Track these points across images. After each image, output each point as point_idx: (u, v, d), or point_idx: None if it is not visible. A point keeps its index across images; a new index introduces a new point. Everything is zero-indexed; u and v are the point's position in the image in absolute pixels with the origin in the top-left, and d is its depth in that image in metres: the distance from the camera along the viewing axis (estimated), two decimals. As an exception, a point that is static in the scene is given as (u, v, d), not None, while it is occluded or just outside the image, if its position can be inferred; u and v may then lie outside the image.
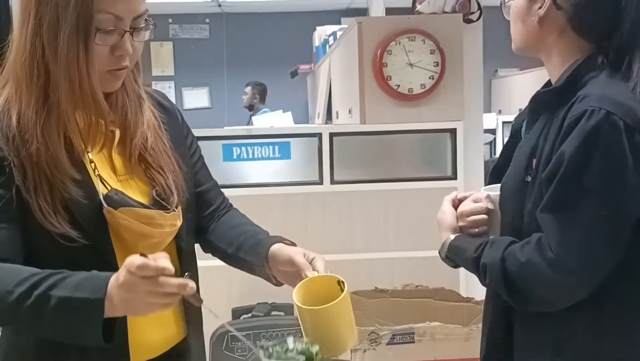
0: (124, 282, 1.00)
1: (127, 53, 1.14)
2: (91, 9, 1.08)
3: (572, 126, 1.21)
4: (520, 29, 1.37)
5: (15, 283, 1.04)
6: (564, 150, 1.20)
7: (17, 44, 1.14)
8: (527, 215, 1.28)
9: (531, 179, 1.28)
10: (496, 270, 1.26)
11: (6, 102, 1.14)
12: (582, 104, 1.21)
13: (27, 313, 1.04)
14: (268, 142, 2.74)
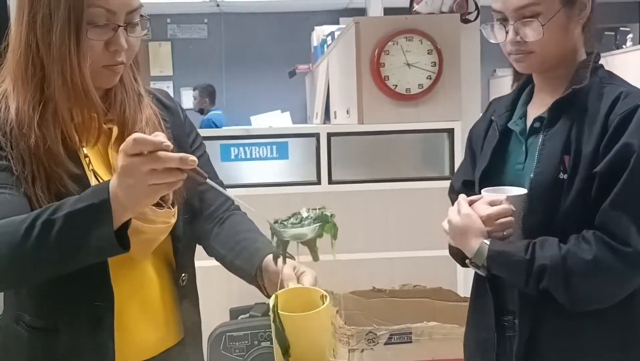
0: (122, 166, 0.97)
1: (121, 48, 1.14)
2: (82, 3, 1.09)
3: (626, 121, 1.24)
4: (561, 40, 1.34)
5: (18, 222, 1.03)
6: (629, 142, 1.23)
7: (13, 40, 1.15)
8: (562, 213, 1.29)
9: (567, 176, 1.29)
10: (559, 270, 1.25)
11: (4, 97, 1.15)
12: (628, 100, 1.28)
13: (36, 243, 1.01)
14: (266, 142, 2.74)
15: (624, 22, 6.98)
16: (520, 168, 1.41)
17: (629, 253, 1.22)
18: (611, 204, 1.24)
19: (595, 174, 1.26)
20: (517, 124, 1.43)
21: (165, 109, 1.33)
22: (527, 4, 1.30)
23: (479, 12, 2.92)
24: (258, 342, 2.10)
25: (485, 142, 1.50)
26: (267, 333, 2.10)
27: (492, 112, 1.52)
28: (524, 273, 1.28)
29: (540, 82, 1.44)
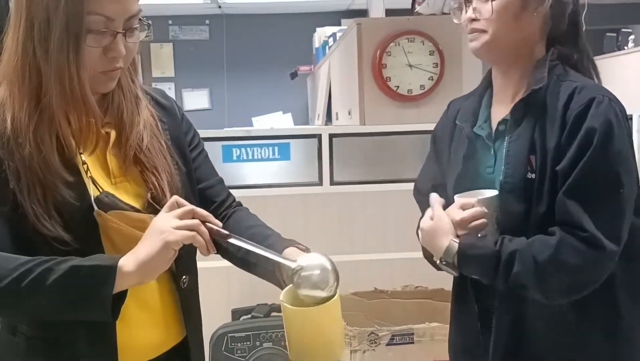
0: (156, 218, 1.08)
1: (119, 55, 1.13)
2: (81, 10, 1.07)
3: (582, 115, 1.28)
4: (512, 25, 1.37)
5: (19, 263, 1.05)
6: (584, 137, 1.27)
7: (10, 46, 1.14)
8: (536, 212, 1.31)
9: (536, 175, 1.31)
10: (527, 255, 1.28)
11: (1, 104, 1.14)
12: (583, 94, 1.30)
13: (30, 286, 1.03)
14: (268, 143, 2.75)
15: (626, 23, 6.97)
16: (491, 172, 1.42)
17: (587, 237, 1.26)
18: (565, 194, 1.28)
19: (556, 172, 1.30)
20: (482, 128, 1.45)
21: (162, 110, 1.31)
22: None
23: (480, 13, 2.92)
24: (260, 343, 2.10)
25: (453, 147, 1.51)
26: (269, 334, 2.10)
27: (454, 114, 1.54)
28: (494, 264, 1.30)
29: (499, 83, 1.45)
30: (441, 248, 1.35)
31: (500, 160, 1.39)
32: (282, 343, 2.10)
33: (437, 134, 1.58)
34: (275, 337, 2.12)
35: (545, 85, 1.34)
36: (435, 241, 1.37)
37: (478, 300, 1.44)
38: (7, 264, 1.05)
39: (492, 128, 1.43)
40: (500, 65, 1.43)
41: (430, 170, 1.58)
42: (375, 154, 2.84)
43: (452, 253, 1.34)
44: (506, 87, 1.43)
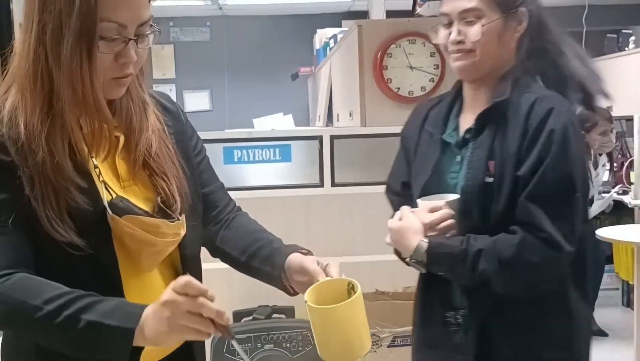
0: (165, 301, 1.02)
1: (131, 60, 1.12)
2: (95, 17, 1.07)
3: (542, 124, 1.40)
4: (496, 46, 1.47)
5: (44, 300, 1.05)
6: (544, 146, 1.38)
7: (21, 51, 1.13)
8: (495, 214, 1.42)
9: (494, 180, 1.42)
10: (492, 253, 1.39)
11: (14, 109, 1.13)
12: (543, 104, 1.42)
13: (53, 332, 1.06)
14: (269, 145, 2.75)
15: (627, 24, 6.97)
16: (455, 177, 1.52)
17: (546, 237, 1.38)
18: (527, 197, 1.39)
19: (517, 177, 1.41)
20: (451, 136, 1.54)
21: (168, 114, 1.31)
22: (471, 8, 1.45)
23: (481, 15, 2.92)
24: (261, 345, 2.10)
25: (420, 150, 1.59)
26: (271, 336, 2.10)
27: (422, 118, 1.62)
28: (461, 262, 1.40)
29: (470, 95, 1.55)
30: (410, 247, 1.44)
31: (464, 166, 1.49)
32: (283, 345, 2.10)
33: (405, 135, 1.67)
34: (276, 339, 2.12)
35: (507, 97, 1.46)
36: (405, 240, 1.46)
37: (442, 297, 1.53)
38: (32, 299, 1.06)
39: (459, 136, 1.53)
40: (477, 81, 1.52)
41: (400, 169, 1.66)
42: (376, 156, 2.84)
43: (421, 251, 1.43)
44: (476, 99, 1.53)
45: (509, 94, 1.46)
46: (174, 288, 1.02)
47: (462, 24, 1.46)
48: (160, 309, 1.02)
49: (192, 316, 1.02)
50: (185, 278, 1.02)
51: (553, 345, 1.46)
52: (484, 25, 1.44)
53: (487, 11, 1.45)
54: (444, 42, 1.50)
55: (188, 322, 1.02)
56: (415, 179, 1.58)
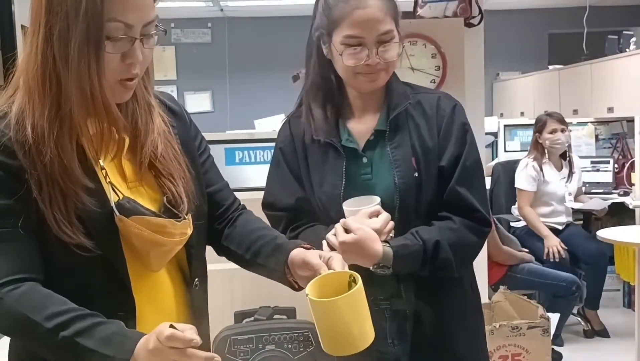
0: (153, 349, 1.02)
1: (137, 60, 1.13)
2: (101, 18, 1.07)
3: (451, 117, 1.58)
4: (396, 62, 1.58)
5: (45, 316, 1.07)
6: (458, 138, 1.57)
7: (28, 53, 1.13)
8: (424, 205, 1.56)
9: (418, 174, 1.55)
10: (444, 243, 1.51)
11: (21, 111, 1.13)
12: (445, 102, 1.61)
13: (50, 350, 1.08)
14: (270, 146, 2.73)
15: (628, 25, 6.98)
16: (369, 178, 1.60)
17: (480, 216, 1.57)
18: (457, 183, 1.56)
19: (442, 167, 1.56)
20: (350, 141, 1.61)
21: (173, 115, 1.32)
22: (387, 31, 1.54)
23: (482, 16, 2.93)
24: (263, 345, 2.10)
25: (315, 162, 1.62)
26: (272, 336, 2.10)
27: (303, 132, 1.65)
28: (421, 257, 1.51)
29: (361, 103, 1.63)
30: (377, 254, 1.47)
31: (380, 166, 1.59)
32: (284, 346, 2.10)
33: (286, 150, 1.68)
34: (278, 340, 2.12)
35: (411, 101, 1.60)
36: (367, 250, 1.46)
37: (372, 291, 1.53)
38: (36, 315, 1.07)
39: (357, 141, 1.61)
40: None
41: (288, 185, 1.66)
42: (377, 157, 2.84)
43: (389, 256, 1.48)
44: (365, 108, 1.63)
45: (410, 96, 1.60)
46: (158, 338, 1.02)
47: (380, 47, 1.53)
48: (148, 356, 1.03)
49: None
50: (169, 330, 1.02)
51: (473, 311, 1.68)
52: (403, 47, 1.59)
53: (394, 31, 1.55)
54: (354, 65, 1.54)
55: None
56: (322, 187, 1.60)
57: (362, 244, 1.45)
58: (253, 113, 6.28)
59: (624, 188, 4.95)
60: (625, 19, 7.86)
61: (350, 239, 1.44)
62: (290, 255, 1.27)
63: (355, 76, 1.56)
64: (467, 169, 1.57)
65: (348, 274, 1.19)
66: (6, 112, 1.14)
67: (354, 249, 1.45)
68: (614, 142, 5.39)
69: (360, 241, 1.45)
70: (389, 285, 1.59)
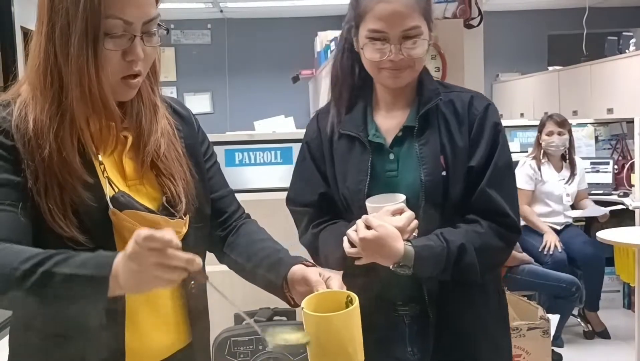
0: (131, 253, 0.98)
1: (138, 58, 1.14)
2: (99, 14, 1.09)
3: (483, 116, 1.53)
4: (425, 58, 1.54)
5: (20, 261, 1.04)
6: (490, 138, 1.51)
7: (33, 50, 1.16)
8: (450, 205, 1.50)
9: (446, 173, 1.50)
10: (470, 247, 1.46)
11: (23, 106, 1.15)
12: (479, 102, 1.55)
13: (31, 290, 1.03)
14: (270, 147, 2.75)
15: (627, 26, 6.98)
16: (395, 175, 1.55)
17: (509, 221, 1.51)
18: (487, 185, 1.50)
19: (471, 167, 1.51)
20: (377, 136, 1.57)
21: (180, 118, 1.33)
22: (412, 27, 1.48)
23: (482, 18, 2.93)
24: (263, 347, 2.10)
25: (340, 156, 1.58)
26: (272, 338, 2.10)
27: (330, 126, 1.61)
28: (444, 259, 1.45)
29: (390, 98, 1.59)
30: (397, 253, 1.42)
31: (406, 163, 1.54)
32: (284, 347, 2.10)
33: (312, 145, 1.65)
34: (278, 341, 2.12)
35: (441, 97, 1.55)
36: (388, 248, 1.41)
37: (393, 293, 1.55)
38: (11, 261, 1.04)
39: (385, 136, 1.56)
40: None
41: (313, 180, 1.64)
42: (377, 158, 2.84)
43: (410, 256, 1.43)
44: (394, 103, 1.58)
45: (438, 93, 1.55)
46: (136, 240, 0.98)
47: (404, 42, 1.48)
48: (128, 263, 0.99)
49: (161, 267, 0.98)
50: (145, 231, 0.97)
51: (496, 319, 1.61)
52: (430, 44, 1.52)
53: (422, 27, 1.50)
54: (378, 60, 1.50)
55: (158, 273, 0.99)
56: (345, 183, 1.56)
57: (382, 242, 1.40)
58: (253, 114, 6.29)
59: (624, 189, 4.95)
60: (625, 20, 7.87)
61: (370, 236, 1.40)
62: (291, 270, 1.26)
63: (380, 72, 1.52)
64: (498, 170, 1.51)
65: (346, 295, 1.19)
66: (9, 102, 1.17)
67: (374, 247, 1.41)
68: (613, 144, 5.39)
69: (381, 238, 1.40)
70: (409, 289, 1.53)
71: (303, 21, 8.24)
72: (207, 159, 1.37)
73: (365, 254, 1.43)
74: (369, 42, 1.50)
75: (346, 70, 1.61)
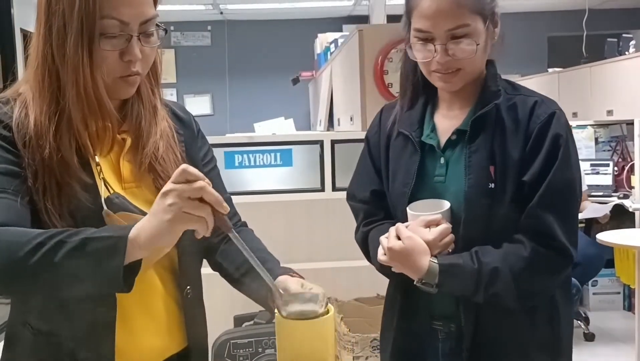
0: (167, 190, 1.02)
1: (135, 58, 1.14)
2: (94, 14, 1.09)
3: (545, 128, 1.36)
4: (484, 57, 1.42)
5: (33, 236, 1.02)
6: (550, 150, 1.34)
7: (32, 51, 1.17)
8: (497, 221, 1.36)
9: (495, 185, 1.36)
10: (506, 270, 1.33)
11: (24, 106, 1.16)
12: (543, 108, 1.39)
13: (42, 258, 1.00)
14: (270, 149, 2.75)
15: (627, 28, 6.98)
16: (442, 181, 1.43)
17: (557, 246, 1.34)
18: (538, 205, 1.34)
19: (524, 182, 1.35)
20: (430, 137, 1.46)
21: (180, 122, 1.33)
22: (459, 25, 1.35)
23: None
24: (262, 349, 2.10)
25: (394, 155, 1.51)
26: (272, 341, 2.10)
27: (388, 121, 1.54)
28: (474, 281, 1.33)
29: (449, 97, 1.47)
30: (421, 269, 1.34)
31: (454, 170, 1.42)
32: (284, 350, 2.10)
33: (372, 140, 1.58)
34: (277, 343, 2.12)
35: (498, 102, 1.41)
36: (412, 261, 1.35)
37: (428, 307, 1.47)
38: (21, 238, 1.03)
39: (439, 138, 1.46)
40: None
41: (368, 176, 1.58)
42: (377, 160, 2.84)
43: (434, 273, 1.34)
44: (453, 103, 1.47)
45: (499, 98, 1.41)
46: (172, 179, 1.02)
47: (449, 42, 1.36)
48: (162, 200, 1.02)
49: (193, 202, 1.01)
50: (182, 166, 1.02)
51: (544, 350, 1.44)
52: (478, 45, 1.37)
53: (473, 25, 1.36)
54: (423, 61, 1.41)
55: (190, 208, 1.01)
56: (394, 183, 1.49)
57: (408, 255, 1.34)
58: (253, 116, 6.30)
59: (624, 190, 4.95)
60: (625, 22, 7.87)
61: (397, 247, 1.34)
62: (276, 281, 1.25)
63: (430, 74, 1.42)
64: (553, 188, 1.34)
65: None
66: (8, 99, 1.17)
67: (400, 259, 1.35)
68: (613, 145, 5.39)
69: (407, 250, 1.34)
70: (446, 304, 1.44)
71: (303, 23, 8.24)
72: (206, 163, 1.37)
73: (393, 264, 1.38)
74: (416, 42, 1.39)
75: (409, 67, 1.50)
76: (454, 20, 1.35)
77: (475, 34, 1.37)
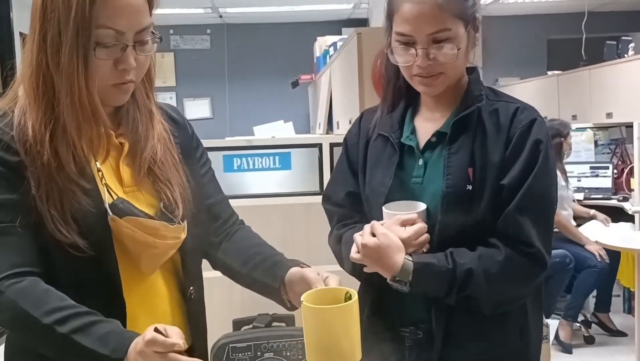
0: (140, 350, 1.04)
1: (130, 67, 1.14)
2: (89, 24, 1.09)
3: (525, 134, 1.37)
4: (464, 61, 1.42)
5: (44, 312, 1.08)
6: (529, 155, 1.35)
7: (26, 58, 1.16)
8: (473, 222, 1.36)
9: (473, 188, 1.36)
10: (480, 273, 1.33)
11: (22, 113, 1.16)
12: (525, 114, 1.39)
13: (47, 346, 1.09)
14: (269, 152, 2.74)
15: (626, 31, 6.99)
16: (419, 182, 1.43)
17: (533, 252, 1.34)
18: (515, 209, 1.34)
19: (502, 185, 1.35)
20: (410, 139, 1.47)
21: (175, 124, 1.34)
22: (440, 30, 1.34)
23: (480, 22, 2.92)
24: (261, 353, 2.10)
25: (373, 156, 1.50)
26: (270, 344, 2.09)
27: (371, 125, 1.54)
28: (447, 282, 1.33)
29: (431, 101, 1.48)
30: (394, 266, 1.33)
31: (432, 171, 1.42)
32: (283, 353, 2.09)
33: (350, 142, 1.58)
34: (276, 347, 2.11)
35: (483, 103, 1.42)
36: (386, 258, 1.33)
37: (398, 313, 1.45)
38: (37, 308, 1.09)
39: (418, 140, 1.46)
40: None
41: (344, 178, 1.57)
42: (376, 163, 2.83)
43: (408, 271, 1.33)
44: (435, 107, 1.47)
45: (481, 101, 1.42)
46: (144, 343, 1.04)
47: (431, 46, 1.35)
48: (137, 358, 1.05)
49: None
50: (150, 334, 1.04)
51: (511, 357, 1.43)
52: (459, 49, 1.36)
53: (454, 29, 1.36)
54: (404, 65, 1.41)
55: None
56: (371, 183, 1.48)
57: (382, 251, 1.33)
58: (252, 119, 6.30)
59: (623, 193, 4.95)
60: (624, 24, 7.87)
61: (372, 243, 1.33)
62: (289, 272, 1.26)
63: (412, 78, 1.42)
64: (531, 194, 1.34)
65: (344, 291, 1.18)
66: (6, 111, 1.17)
67: (374, 255, 1.34)
68: (613, 148, 5.40)
69: (381, 247, 1.33)
70: (418, 307, 1.42)
71: (302, 26, 8.25)
72: (201, 164, 1.38)
73: (366, 261, 1.37)
74: (398, 46, 1.39)
75: (391, 71, 1.51)
76: (435, 24, 1.34)
77: (457, 38, 1.36)
